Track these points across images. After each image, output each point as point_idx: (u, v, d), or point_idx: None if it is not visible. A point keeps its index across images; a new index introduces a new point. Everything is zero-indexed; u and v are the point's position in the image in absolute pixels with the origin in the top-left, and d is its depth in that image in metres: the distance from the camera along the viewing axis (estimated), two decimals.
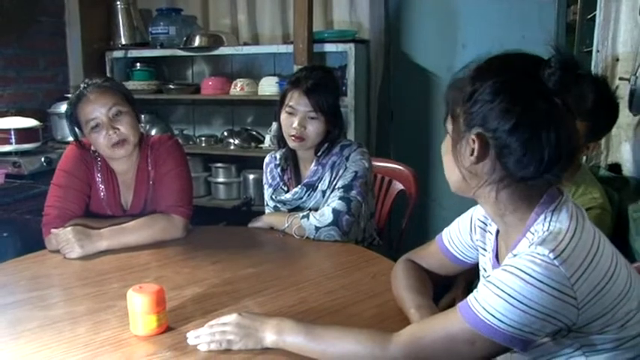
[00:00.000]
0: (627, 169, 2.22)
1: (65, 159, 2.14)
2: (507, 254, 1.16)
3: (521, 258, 1.07)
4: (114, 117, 2.02)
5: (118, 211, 2.18)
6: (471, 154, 1.16)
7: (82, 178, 2.12)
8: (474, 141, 1.15)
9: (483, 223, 1.40)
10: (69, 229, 1.95)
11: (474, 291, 1.14)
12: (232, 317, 1.34)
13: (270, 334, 1.29)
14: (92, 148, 2.12)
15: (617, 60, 2.51)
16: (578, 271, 1.05)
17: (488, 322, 1.07)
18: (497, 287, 1.07)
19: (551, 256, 1.04)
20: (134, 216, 2.11)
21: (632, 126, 2.11)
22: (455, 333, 1.12)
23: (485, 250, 1.39)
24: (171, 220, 2.08)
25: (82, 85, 2.07)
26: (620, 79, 2.10)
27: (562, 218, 1.13)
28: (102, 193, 2.15)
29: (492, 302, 1.07)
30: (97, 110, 2.01)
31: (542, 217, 1.15)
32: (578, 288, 1.04)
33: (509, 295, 1.05)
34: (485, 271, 1.38)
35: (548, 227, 1.12)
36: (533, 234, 1.13)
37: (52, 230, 1.98)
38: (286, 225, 2.12)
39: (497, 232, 1.31)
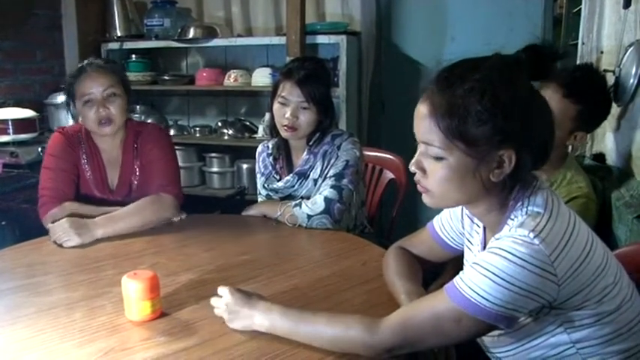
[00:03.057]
0: (611, 158, 2.25)
1: (52, 144, 2.23)
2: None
3: (503, 240, 1.12)
4: (107, 97, 2.12)
5: (105, 192, 2.24)
6: (497, 168, 1.17)
7: (69, 160, 2.20)
8: (503, 156, 1.16)
9: (472, 214, 1.42)
10: (64, 220, 1.98)
11: (460, 273, 1.17)
12: (226, 294, 1.36)
13: (260, 319, 1.31)
14: (77, 132, 2.22)
15: (602, 52, 2.54)
16: (557, 249, 1.09)
17: (473, 300, 1.11)
18: (482, 267, 1.11)
19: (531, 235, 1.09)
20: (124, 203, 2.15)
21: (615, 116, 2.13)
22: (441, 312, 1.15)
23: (471, 243, 1.42)
24: (161, 200, 2.14)
25: (85, 62, 2.17)
26: (605, 71, 2.12)
27: (538, 202, 1.17)
28: (88, 174, 2.23)
29: (477, 281, 1.11)
30: (94, 87, 2.11)
31: (519, 203, 1.19)
32: (558, 265, 1.09)
33: (494, 273, 1.09)
34: None
35: (526, 211, 1.16)
36: (513, 219, 1.18)
37: (48, 225, 2.01)
38: (279, 213, 2.14)
39: (485, 227, 1.34)
